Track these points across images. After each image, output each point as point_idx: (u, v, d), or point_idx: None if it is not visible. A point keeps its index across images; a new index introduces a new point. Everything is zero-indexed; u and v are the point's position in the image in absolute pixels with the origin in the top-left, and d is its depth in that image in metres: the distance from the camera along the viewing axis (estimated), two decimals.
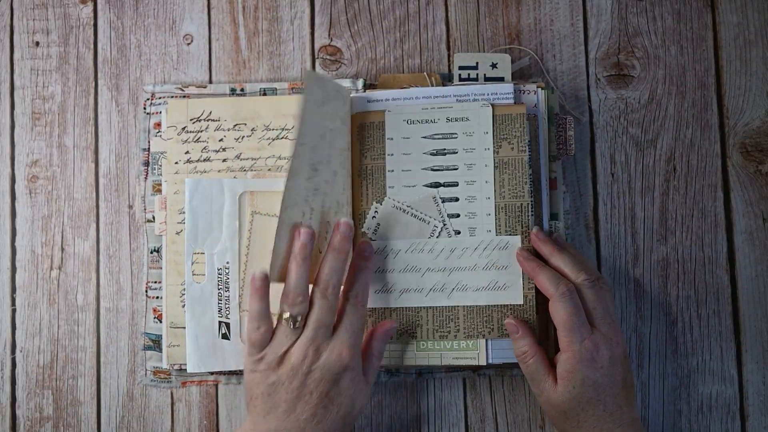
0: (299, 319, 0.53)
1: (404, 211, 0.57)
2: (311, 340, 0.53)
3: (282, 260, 0.54)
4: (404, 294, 0.60)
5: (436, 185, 0.61)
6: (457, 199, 0.60)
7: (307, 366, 0.53)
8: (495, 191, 0.60)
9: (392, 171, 0.61)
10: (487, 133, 0.60)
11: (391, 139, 0.61)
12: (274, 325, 0.54)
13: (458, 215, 0.60)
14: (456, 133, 0.61)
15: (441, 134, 0.61)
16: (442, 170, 0.61)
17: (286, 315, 0.53)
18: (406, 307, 0.60)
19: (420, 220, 0.57)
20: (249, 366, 0.54)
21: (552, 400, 0.55)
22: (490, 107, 0.60)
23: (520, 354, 0.57)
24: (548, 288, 0.56)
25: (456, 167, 0.61)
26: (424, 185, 0.61)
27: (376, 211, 0.60)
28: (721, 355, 0.64)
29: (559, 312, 0.55)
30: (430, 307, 0.60)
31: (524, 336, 0.57)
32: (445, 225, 0.59)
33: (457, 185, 0.60)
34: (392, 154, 0.61)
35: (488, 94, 0.62)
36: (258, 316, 0.54)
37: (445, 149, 0.61)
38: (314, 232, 0.54)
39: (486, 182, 0.60)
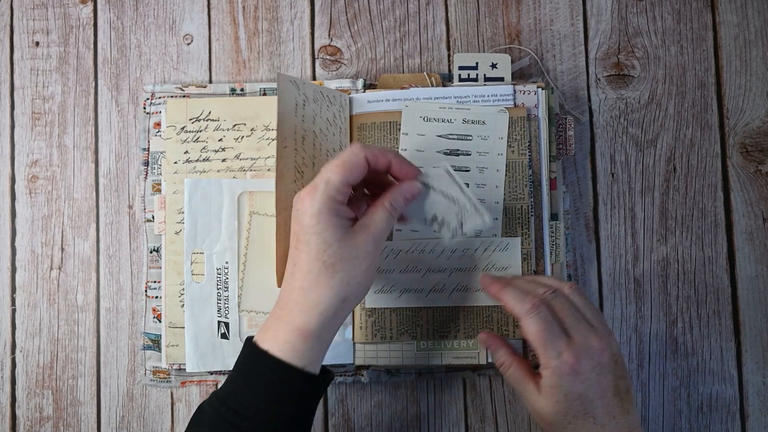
0: None
1: (458, 186, 0.53)
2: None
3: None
4: (405, 294, 0.60)
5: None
6: None
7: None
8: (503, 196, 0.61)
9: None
10: (501, 138, 0.61)
11: (406, 134, 0.61)
12: None
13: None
14: (471, 135, 0.61)
15: (456, 135, 0.61)
16: (454, 171, 0.60)
17: None
18: (406, 307, 0.60)
19: (449, 199, 0.53)
20: None
21: (538, 411, 0.53)
22: (507, 113, 0.61)
23: (499, 365, 0.56)
24: (514, 307, 0.53)
25: (468, 169, 0.61)
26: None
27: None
28: (721, 355, 0.64)
29: (530, 329, 0.52)
30: (431, 308, 0.60)
31: (498, 348, 0.56)
32: (473, 206, 0.55)
33: (467, 187, 0.60)
34: (405, 149, 0.61)
35: (488, 96, 0.62)
36: None
37: (459, 150, 0.61)
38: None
39: (496, 187, 0.60)
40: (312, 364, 0.49)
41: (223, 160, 0.62)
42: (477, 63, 0.63)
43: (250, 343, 0.50)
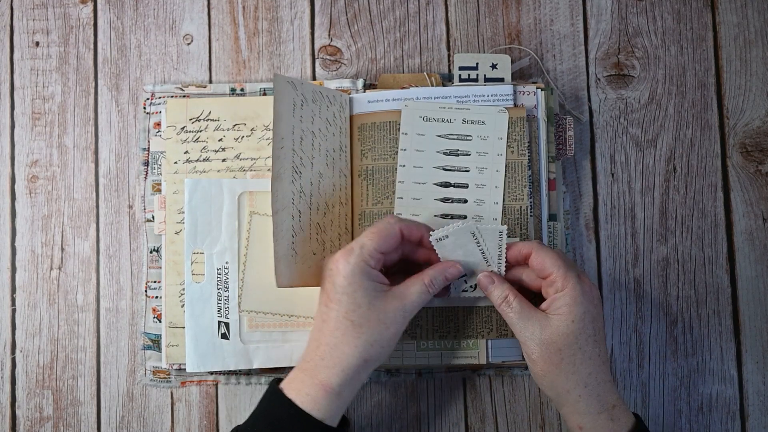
0: None
1: (475, 239, 0.55)
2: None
3: (286, 265, 0.55)
4: None
5: (446, 185, 0.61)
6: (465, 201, 0.60)
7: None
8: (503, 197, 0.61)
9: (404, 166, 0.61)
10: (501, 138, 0.61)
11: (406, 134, 0.61)
12: None
13: (465, 217, 0.60)
14: (471, 136, 0.61)
15: (456, 135, 0.61)
16: (454, 171, 0.61)
17: None
18: None
19: (482, 253, 0.55)
20: None
21: (545, 339, 0.53)
22: (507, 113, 0.60)
23: (501, 300, 0.55)
24: (524, 246, 0.55)
25: (468, 169, 0.61)
26: (434, 183, 0.61)
27: (455, 226, 0.55)
28: (721, 355, 0.64)
29: (548, 254, 0.54)
30: (431, 308, 0.60)
31: (500, 283, 0.55)
32: (498, 263, 0.57)
33: (467, 187, 0.60)
34: (405, 149, 0.61)
35: (488, 96, 0.62)
36: None
37: (458, 150, 0.61)
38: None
39: (496, 187, 0.60)
40: (331, 418, 0.51)
41: (224, 160, 0.62)
42: (477, 64, 0.63)
43: (275, 389, 0.52)
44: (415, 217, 0.60)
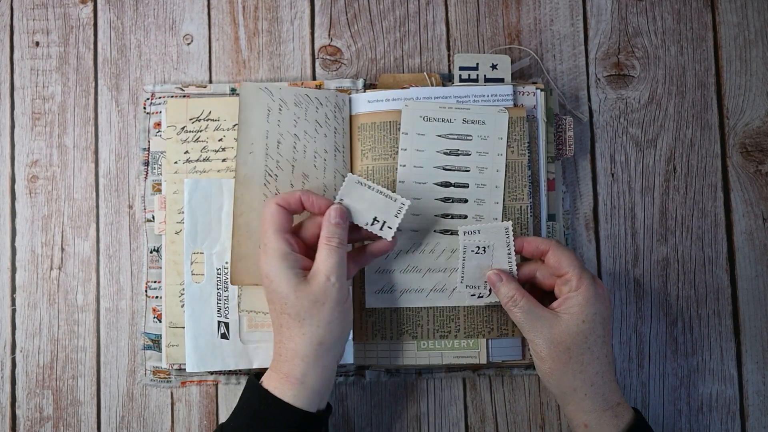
0: None
1: (370, 187, 0.56)
2: None
3: (246, 264, 0.57)
4: (405, 294, 0.60)
5: (447, 185, 0.61)
6: (466, 201, 0.60)
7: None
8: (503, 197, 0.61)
9: (404, 166, 0.61)
10: (501, 138, 0.61)
11: (406, 134, 0.61)
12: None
13: (466, 216, 0.60)
14: (471, 135, 0.61)
15: (456, 134, 0.61)
16: (454, 170, 0.61)
17: None
18: (406, 307, 0.60)
19: (386, 197, 0.56)
20: None
21: (555, 337, 0.53)
22: (507, 113, 0.61)
23: (508, 299, 0.55)
24: (541, 243, 0.56)
25: (468, 169, 0.61)
26: (434, 183, 0.61)
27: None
28: (721, 355, 0.64)
29: (564, 253, 0.55)
30: (431, 307, 0.60)
31: (508, 282, 0.56)
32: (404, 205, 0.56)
33: (467, 187, 0.60)
34: (405, 149, 0.61)
35: (488, 96, 0.62)
36: None
37: (458, 150, 0.61)
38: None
39: (496, 187, 0.60)
40: (308, 406, 0.53)
41: (223, 160, 0.62)
42: (477, 64, 0.63)
43: (253, 383, 0.54)
44: (415, 217, 0.60)
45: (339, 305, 0.53)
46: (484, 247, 0.58)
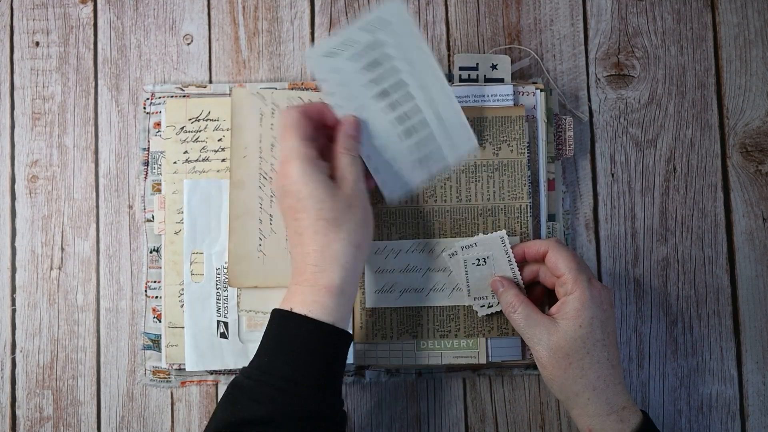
0: None
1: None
2: None
3: (244, 266, 0.58)
4: (405, 294, 0.60)
5: (385, 94, 0.57)
6: (412, 97, 0.57)
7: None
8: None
9: (342, 107, 0.57)
10: (412, 28, 0.55)
11: (325, 80, 0.56)
12: None
13: (414, 98, 0.57)
14: (388, 53, 0.56)
15: (364, 45, 0.56)
16: (387, 78, 0.57)
17: None
18: (406, 307, 0.60)
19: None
20: None
21: (553, 343, 0.53)
22: (401, 1, 0.55)
23: (507, 306, 0.56)
24: (542, 245, 0.56)
25: (414, 97, 0.57)
26: (371, 98, 0.57)
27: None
28: (721, 355, 0.64)
29: (562, 254, 0.55)
30: (431, 307, 0.60)
31: (509, 289, 0.57)
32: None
33: (408, 86, 0.57)
34: (334, 93, 0.57)
35: (488, 96, 0.62)
36: None
37: (377, 59, 0.56)
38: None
39: (448, 97, 0.57)
40: (342, 320, 0.52)
41: (223, 160, 0.62)
42: (477, 64, 0.63)
43: (280, 313, 0.52)
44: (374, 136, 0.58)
45: (366, 210, 0.54)
46: (484, 258, 0.58)
